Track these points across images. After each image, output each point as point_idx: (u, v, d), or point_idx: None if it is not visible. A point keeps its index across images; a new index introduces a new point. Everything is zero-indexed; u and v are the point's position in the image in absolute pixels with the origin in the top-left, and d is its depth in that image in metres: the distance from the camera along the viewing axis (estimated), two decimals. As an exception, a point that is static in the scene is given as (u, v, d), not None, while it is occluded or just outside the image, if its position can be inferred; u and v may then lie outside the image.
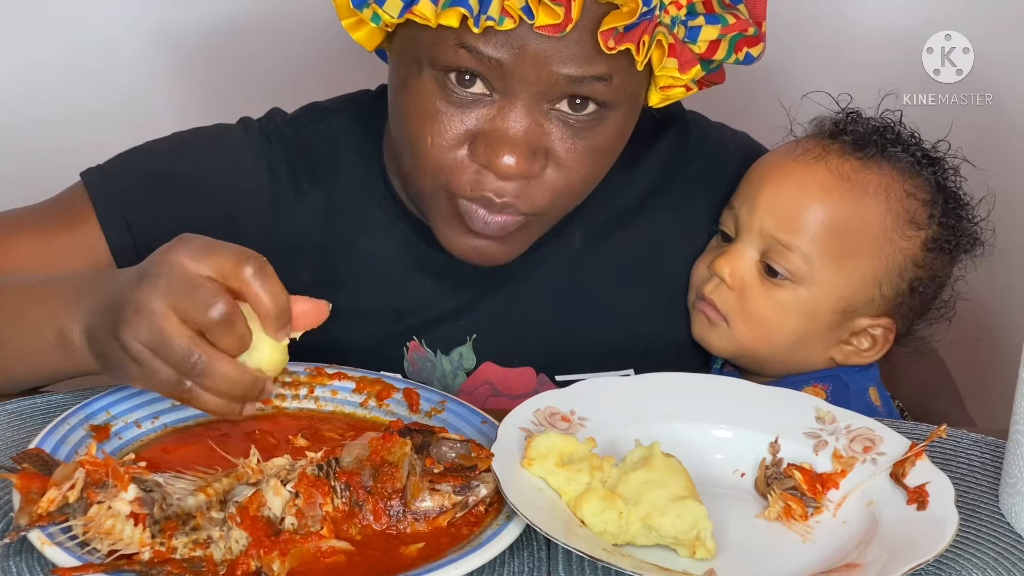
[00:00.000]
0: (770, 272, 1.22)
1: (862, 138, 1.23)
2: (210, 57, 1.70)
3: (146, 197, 1.21)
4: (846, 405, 1.19)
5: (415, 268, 1.24)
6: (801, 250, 1.20)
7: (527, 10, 1.03)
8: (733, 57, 1.12)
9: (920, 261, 1.22)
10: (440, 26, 1.05)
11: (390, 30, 1.11)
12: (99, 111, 1.68)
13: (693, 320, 1.28)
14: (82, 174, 1.23)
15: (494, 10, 1.03)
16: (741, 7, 1.11)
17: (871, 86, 1.29)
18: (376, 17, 1.08)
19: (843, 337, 1.24)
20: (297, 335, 0.96)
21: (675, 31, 1.08)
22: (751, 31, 1.11)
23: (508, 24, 1.03)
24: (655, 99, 1.14)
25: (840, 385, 1.25)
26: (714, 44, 1.10)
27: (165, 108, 1.65)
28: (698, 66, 1.10)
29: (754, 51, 1.13)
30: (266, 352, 0.94)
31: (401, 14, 1.06)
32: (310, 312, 0.96)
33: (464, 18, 1.04)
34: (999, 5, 1.68)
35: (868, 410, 1.24)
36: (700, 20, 1.09)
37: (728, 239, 1.25)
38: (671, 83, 1.12)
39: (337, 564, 0.89)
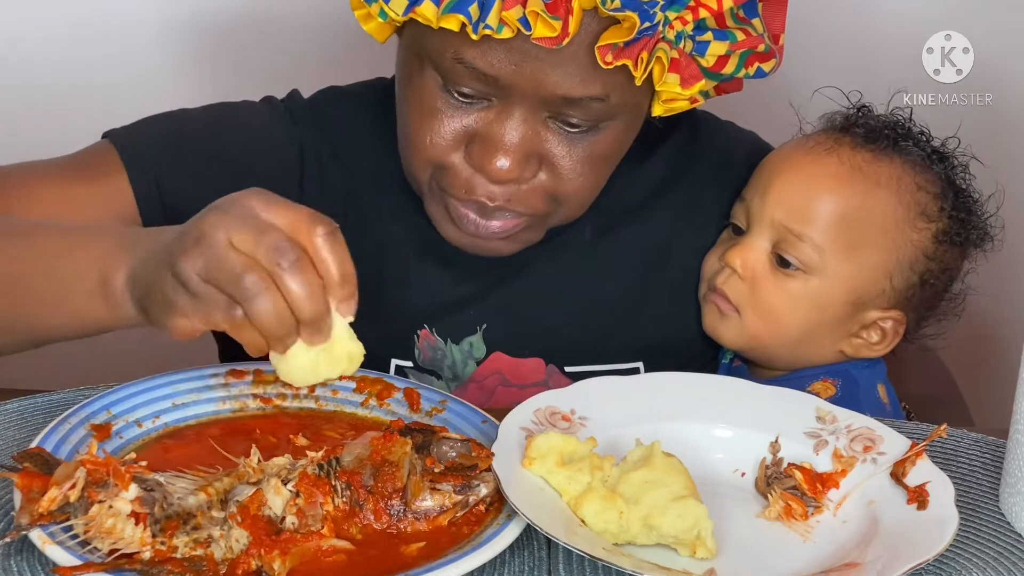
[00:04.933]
0: (782, 263, 1.22)
1: (873, 132, 1.23)
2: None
3: (177, 159, 1.20)
4: (856, 401, 1.19)
5: (427, 257, 1.24)
6: (813, 240, 1.21)
7: (524, 21, 1.03)
8: (744, 71, 1.12)
9: (931, 254, 1.22)
10: (442, 29, 1.05)
11: (398, 24, 1.11)
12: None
13: (704, 312, 1.28)
14: (107, 134, 1.22)
15: (492, 19, 1.03)
16: (756, 21, 1.11)
17: (871, 86, 1.30)
18: (383, 13, 1.08)
19: (853, 330, 1.25)
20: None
21: (681, 45, 1.07)
22: (762, 47, 1.11)
23: (506, 33, 1.03)
24: (658, 110, 1.14)
25: (850, 381, 1.25)
26: (723, 59, 1.10)
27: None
28: (703, 80, 1.10)
29: (765, 66, 1.13)
30: (343, 342, 0.93)
31: (406, 12, 1.06)
32: None
33: (464, 25, 1.04)
34: (999, 5, 1.68)
35: (877, 406, 1.25)
36: (708, 35, 1.08)
37: (739, 231, 1.25)
38: (674, 96, 1.11)
39: (338, 563, 0.89)
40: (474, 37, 1.04)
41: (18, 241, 1.02)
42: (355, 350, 0.94)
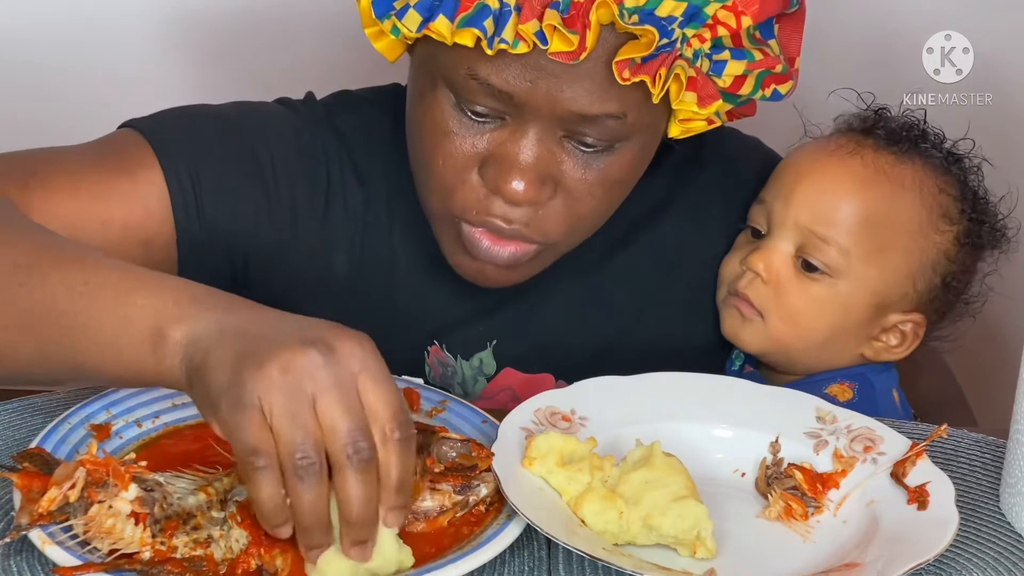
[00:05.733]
0: (807, 267, 1.22)
1: (894, 134, 1.23)
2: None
3: (215, 162, 1.16)
4: (873, 404, 1.20)
5: (437, 272, 1.22)
6: (838, 243, 1.20)
7: (540, 35, 1.01)
8: (760, 93, 1.11)
9: (953, 256, 1.23)
10: (456, 45, 1.03)
11: (410, 43, 1.10)
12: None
13: (723, 317, 1.27)
14: (130, 123, 1.18)
15: (508, 33, 1.01)
16: (772, 43, 1.10)
17: (869, 86, 1.30)
18: (396, 30, 1.07)
19: (874, 333, 1.25)
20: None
21: (698, 64, 1.06)
22: (779, 68, 1.10)
23: (522, 48, 1.02)
24: (675, 131, 1.13)
25: (866, 384, 1.25)
26: (740, 79, 1.09)
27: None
28: (720, 100, 1.09)
29: (782, 88, 1.11)
30: (385, 548, 0.86)
31: (419, 29, 1.05)
32: None
33: (479, 39, 1.02)
34: (999, 5, 1.68)
35: (893, 410, 1.25)
36: (726, 55, 1.07)
37: (759, 235, 1.25)
38: (691, 116, 1.10)
39: (338, 563, 0.89)
40: (489, 52, 1.02)
41: (72, 269, 0.91)
42: (405, 559, 0.87)
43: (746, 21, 1.06)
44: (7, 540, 0.86)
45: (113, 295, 0.89)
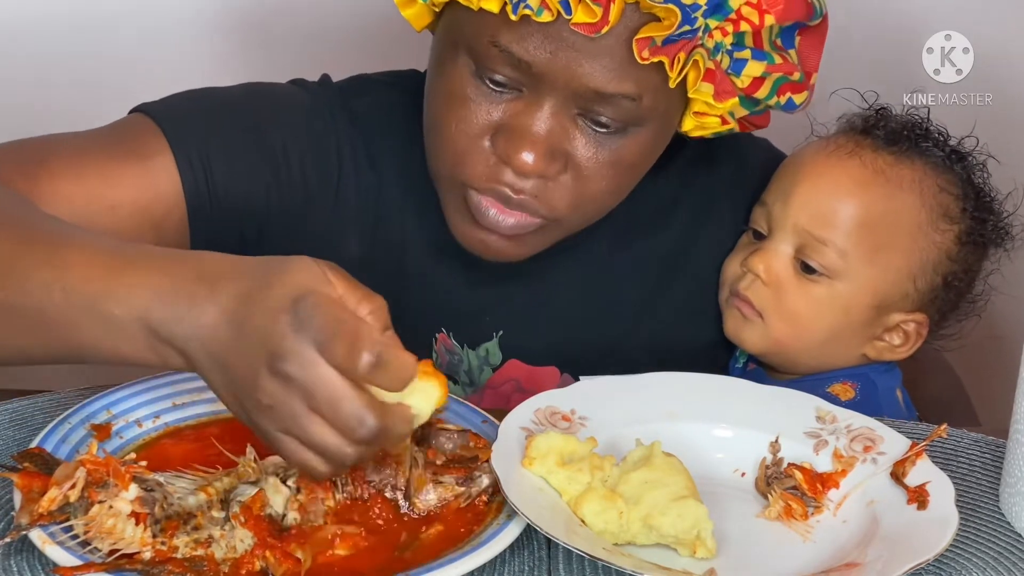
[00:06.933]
0: (806, 268, 1.22)
1: (894, 134, 1.23)
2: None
3: (226, 148, 1.16)
4: (876, 404, 1.20)
5: (447, 260, 1.23)
6: (836, 245, 1.21)
7: (565, 5, 1.02)
8: (775, 99, 1.11)
9: (954, 255, 1.23)
10: (481, 11, 1.04)
11: (437, 9, 1.11)
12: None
13: (726, 317, 1.28)
14: (141, 108, 1.17)
15: (534, 0, 1.02)
16: (792, 52, 1.10)
17: (871, 86, 1.30)
18: None
19: (876, 333, 1.25)
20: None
21: (718, 58, 1.07)
22: (796, 76, 1.10)
23: (546, 16, 1.03)
24: (689, 124, 1.13)
25: (869, 384, 1.25)
26: (757, 81, 1.09)
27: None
28: (736, 99, 1.09)
29: (797, 98, 1.12)
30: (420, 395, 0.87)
31: None
32: None
33: (504, 4, 1.03)
34: (999, 5, 1.68)
35: (897, 410, 1.25)
36: (746, 53, 1.08)
37: (760, 236, 1.25)
38: (706, 110, 1.11)
39: (357, 545, 0.90)
40: (513, 17, 1.03)
41: (45, 272, 0.89)
42: (437, 391, 0.88)
43: (769, 20, 1.06)
44: (7, 540, 0.86)
45: (89, 302, 0.87)
